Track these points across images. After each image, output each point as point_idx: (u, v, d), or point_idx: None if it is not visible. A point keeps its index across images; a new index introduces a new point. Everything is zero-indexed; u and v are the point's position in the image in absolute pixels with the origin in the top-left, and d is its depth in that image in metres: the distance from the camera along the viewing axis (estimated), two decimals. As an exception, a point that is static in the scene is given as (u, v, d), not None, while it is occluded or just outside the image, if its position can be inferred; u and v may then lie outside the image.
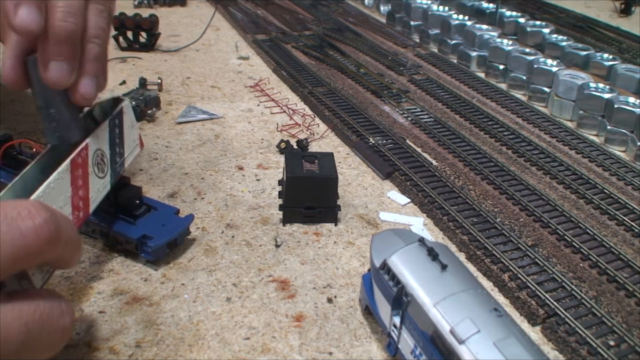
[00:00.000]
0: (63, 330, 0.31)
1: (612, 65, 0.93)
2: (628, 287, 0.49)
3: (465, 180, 0.65)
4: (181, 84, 0.89)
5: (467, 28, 1.07)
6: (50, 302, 0.31)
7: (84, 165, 0.41)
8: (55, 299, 0.31)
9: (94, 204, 0.43)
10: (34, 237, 0.29)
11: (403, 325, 0.38)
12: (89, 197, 0.42)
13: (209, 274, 0.49)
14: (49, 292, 0.32)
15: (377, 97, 0.88)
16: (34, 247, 0.29)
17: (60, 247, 0.31)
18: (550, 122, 0.83)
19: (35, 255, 0.29)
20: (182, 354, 0.41)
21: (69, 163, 0.39)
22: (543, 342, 0.44)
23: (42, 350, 0.31)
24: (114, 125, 0.46)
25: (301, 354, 0.42)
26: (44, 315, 0.30)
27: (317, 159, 0.57)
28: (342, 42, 1.12)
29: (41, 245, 0.29)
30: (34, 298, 0.30)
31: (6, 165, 0.53)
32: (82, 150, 0.41)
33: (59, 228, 0.30)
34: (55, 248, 0.30)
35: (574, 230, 0.57)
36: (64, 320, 0.31)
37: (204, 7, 1.36)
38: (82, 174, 0.41)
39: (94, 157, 0.43)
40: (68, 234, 0.31)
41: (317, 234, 0.55)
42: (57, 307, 0.31)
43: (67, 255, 0.32)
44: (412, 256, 0.39)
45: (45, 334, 0.30)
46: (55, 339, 0.31)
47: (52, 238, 0.29)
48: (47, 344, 0.30)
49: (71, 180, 0.39)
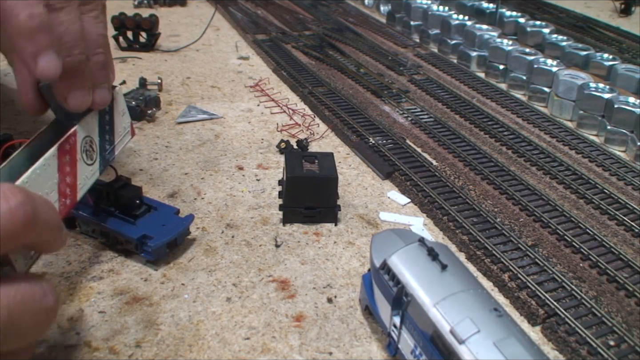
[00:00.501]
0: (47, 310, 0.31)
1: (612, 65, 0.93)
2: (628, 287, 0.49)
3: (465, 180, 0.65)
4: (181, 84, 0.89)
5: (467, 28, 1.07)
6: (31, 283, 0.30)
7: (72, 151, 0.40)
8: (35, 280, 0.31)
9: (82, 191, 0.43)
10: (9, 219, 0.28)
11: (403, 325, 0.38)
12: (76, 184, 0.42)
13: (209, 274, 0.49)
14: (28, 275, 0.31)
15: (377, 97, 0.88)
16: (9, 230, 0.28)
17: (39, 230, 0.30)
18: (550, 122, 0.83)
19: (12, 239, 0.29)
20: (182, 354, 0.41)
21: (57, 149, 0.39)
22: (543, 342, 0.44)
23: (28, 333, 0.30)
24: (104, 112, 0.45)
25: (301, 354, 0.42)
26: (25, 297, 0.29)
27: (317, 159, 0.57)
28: (342, 42, 1.12)
29: (17, 228, 0.29)
30: (14, 281, 0.30)
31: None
32: (70, 136, 0.40)
33: (35, 210, 0.29)
34: (32, 231, 0.30)
35: (574, 230, 0.57)
36: (47, 300, 0.31)
37: (204, 7, 1.36)
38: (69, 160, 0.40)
39: (83, 144, 0.42)
40: (46, 216, 0.31)
41: (317, 234, 0.55)
42: (38, 288, 0.30)
43: (48, 238, 0.32)
44: (412, 256, 0.39)
45: (28, 316, 0.30)
46: (40, 320, 0.31)
47: (28, 220, 0.29)
48: (32, 325, 0.30)
49: (58, 166, 0.39)
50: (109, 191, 0.50)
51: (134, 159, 0.66)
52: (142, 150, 0.68)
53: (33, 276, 0.31)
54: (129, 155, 0.67)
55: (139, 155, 0.67)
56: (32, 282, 0.30)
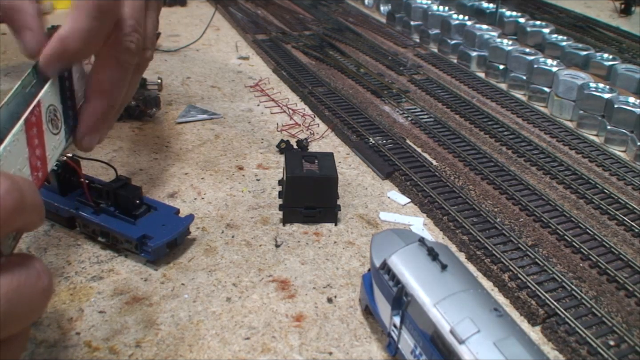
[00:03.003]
0: (44, 291, 0.31)
1: (612, 65, 0.93)
2: (628, 287, 0.49)
3: (465, 180, 0.65)
4: (181, 84, 0.89)
5: (467, 28, 1.07)
6: (25, 267, 0.30)
7: (38, 123, 0.38)
8: (28, 262, 0.31)
9: (52, 162, 0.41)
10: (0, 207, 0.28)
11: (403, 325, 0.38)
12: (46, 155, 0.40)
13: (209, 274, 0.49)
14: (20, 257, 0.31)
15: (377, 97, 0.88)
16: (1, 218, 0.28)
17: (27, 213, 0.30)
18: (550, 122, 0.83)
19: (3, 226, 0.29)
20: (182, 354, 0.41)
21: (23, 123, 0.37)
22: (543, 342, 0.44)
23: (27, 316, 0.31)
24: (63, 78, 0.43)
25: (301, 354, 0.42)
26: (21, 281, 0.29)
27: (317, 159, 0.57)
28: (342, 42, 1.12)
29: (8, 215, 0.29)
30: (8, 267, 0.30)
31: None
32: (35, 108, 0.38)
33: (22, 194, 0.29)
34: (22, 215, 0.30)
35: (574, 230, 0.57)
36: (42, 282, 0.31)
37: (204, 7, 1.36)
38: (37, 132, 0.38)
39: (47, 114, 0.41)
40: (31, 198, 0.31)
41: (317, 234, 0.55)
42: (32, 270, 0.30)
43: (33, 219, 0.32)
44: (412, 256, 0.39)
45: (27, 300, 0.30)
46: (38, 301, 0.31)
47: (18, 206, 0.29)
48: (30, 308, 0.30)
49: (27, 140, 0.37)
50: (109, 191, 0.50)
51: (134, 159, 0.66)
52: (142, 150, 0.68)
53: (24, 258, 0.31)
54: (129, 155, 0.67)
55: (139, 155, 0.67)
56: (26, 266, 0.30)
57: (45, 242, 0.52)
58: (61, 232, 0.53)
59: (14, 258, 0.31)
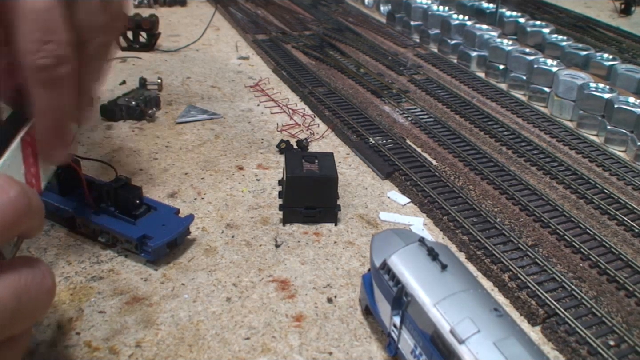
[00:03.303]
0: (48, 291, 0.32)
1: (612, 65, 0.93)
2: (628, 287, 0.49)
3: (465, 180, 0.65)
4: (181, 84, 0.89)
5: (467, 28, 1.07)
6: (31, 268, 0.32)
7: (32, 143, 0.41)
8: (33, 264, 0.32)
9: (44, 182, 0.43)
10: (10, 210, 0.30)
11: (403, 325, 0.38)
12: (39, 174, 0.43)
13: (209, 274, 0.49)
14: (25, 259, 0.33)
15: (377, 97, 0.88)
16: (10, 220, 0.30)
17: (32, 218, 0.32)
18: (550, 122, 0.83)
19: (12, 229, 0.30)
20: (182, 354, 0.41)
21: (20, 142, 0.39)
22: (543, 342, 0.44)
23: (32, 315, 0.32)
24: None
25: (301, 354, 0.42)
26: (28, 281, 0.31)
27: (317, 159, 0.57)
28: (342, 42, 1.12)
29: (18, 218, 0.30)
30: (15, 267, 0.31)
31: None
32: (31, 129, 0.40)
33: (30, 199, 0.31)
34: (29, 219, 0.31)
35: (574, 230, 0.57)
36: (47, 282, 0.32)
37: (204, 7, 1.36)
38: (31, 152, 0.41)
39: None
40: (37, 204, 0.32)
41: (317, 234, 0.55)
42: (37, 271, 0.32)
43: (37, 224, 0.33)
44: (412, 256, 0.39)
45: (33, 299, 0.31)
46: (43, 300, 0.32)
47: (27, 210, 0.30)
48: (36, 307, 0.32)
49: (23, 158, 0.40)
50: (109, 191, 0.50)
51: (134, 159, 0.66)
52: (142, 150, 0.68)
53: (29, 260, 0.33)
54: (129, 155, 0.67)
55: (139, 155, 0.67)
56: (31, 266, 0.32)
57: (45, 242, 0.52)
58: (61, 232, 0.53)
59: (19, 259, 0.33)
